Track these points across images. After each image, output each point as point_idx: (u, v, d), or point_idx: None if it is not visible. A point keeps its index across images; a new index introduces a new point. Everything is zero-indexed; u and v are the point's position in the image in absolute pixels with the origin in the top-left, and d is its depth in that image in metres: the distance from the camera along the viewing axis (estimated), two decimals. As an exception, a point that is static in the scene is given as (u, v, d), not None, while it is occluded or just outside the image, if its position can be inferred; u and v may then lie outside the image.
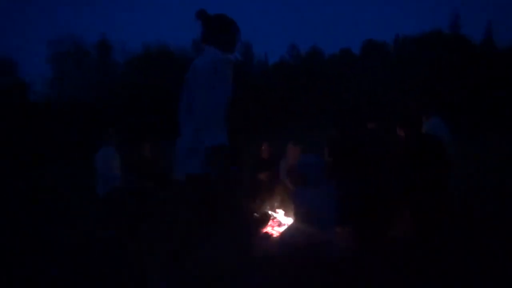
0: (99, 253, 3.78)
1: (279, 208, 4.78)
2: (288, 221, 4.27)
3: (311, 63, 34.56)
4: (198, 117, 2.26)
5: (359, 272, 2.85)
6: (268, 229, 4.18)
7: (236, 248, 2.34)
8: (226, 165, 2.20)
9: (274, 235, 3.95)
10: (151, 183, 5.70)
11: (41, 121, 16.92)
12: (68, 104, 18.31)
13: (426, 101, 4.51)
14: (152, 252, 3.37)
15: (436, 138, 3.55)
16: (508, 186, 6.11)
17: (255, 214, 4.57)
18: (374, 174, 3.49)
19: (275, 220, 4.41)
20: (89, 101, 17.90)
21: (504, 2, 69.30)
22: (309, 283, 2.73)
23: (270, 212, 4.62)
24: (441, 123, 4.07)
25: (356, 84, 29.82)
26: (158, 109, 18.11)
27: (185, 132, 2.40)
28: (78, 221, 5.39)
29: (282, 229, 3.97)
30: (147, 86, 18.52)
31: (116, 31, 79.16)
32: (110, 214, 4.90)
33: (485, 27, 35.65)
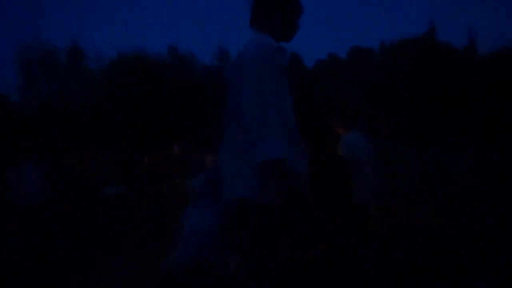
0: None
1: None
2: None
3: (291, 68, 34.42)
4: (248, 125, 1.68)
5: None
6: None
7: None
8: (289, 188, 1.66)
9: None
10: (81, 198, 5.42)
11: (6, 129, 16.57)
12: (33, 112, 17.97)
13: (347, 113, 4.29)
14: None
15: (338, 155, 3.34)
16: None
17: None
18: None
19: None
20: (56, 108, 17.57)
21: (486, 8, 70.30)
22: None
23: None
24: (359, 136, 3.86)
25: (341, 89, 29.67)
26: (126, 117, 17.82)
27: (232, 144, 1.84)
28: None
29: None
30: (119, 93, 18.21)
31: (89, 37, 76.71)
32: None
33: (468, 32, 35.77)
